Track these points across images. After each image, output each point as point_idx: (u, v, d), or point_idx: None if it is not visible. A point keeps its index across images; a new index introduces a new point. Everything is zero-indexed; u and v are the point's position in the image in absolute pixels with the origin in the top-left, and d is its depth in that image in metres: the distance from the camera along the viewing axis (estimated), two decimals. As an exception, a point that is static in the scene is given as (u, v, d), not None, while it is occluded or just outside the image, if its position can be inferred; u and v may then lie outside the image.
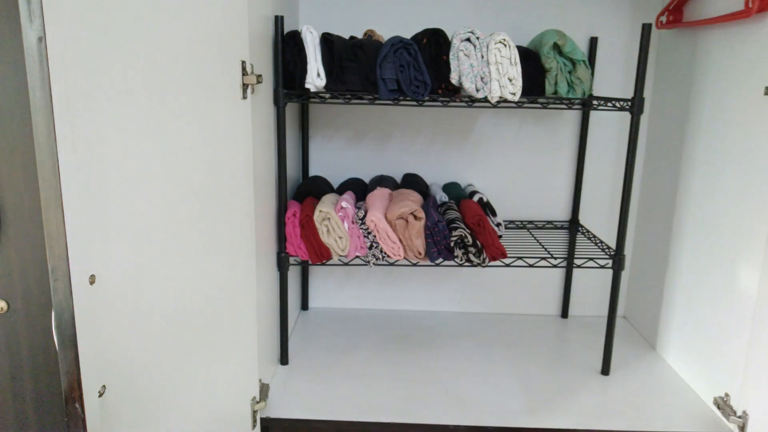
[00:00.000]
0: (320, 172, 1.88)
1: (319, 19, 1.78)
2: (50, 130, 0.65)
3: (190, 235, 0.96)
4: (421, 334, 1.79)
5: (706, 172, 1.47)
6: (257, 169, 1.27)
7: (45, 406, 1.03)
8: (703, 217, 1.48)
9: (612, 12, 1.76)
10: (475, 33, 1.36)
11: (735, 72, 1.36)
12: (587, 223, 1.91)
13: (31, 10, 0.62)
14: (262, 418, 1.32)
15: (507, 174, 1.87)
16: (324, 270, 1.96)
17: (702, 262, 1.48)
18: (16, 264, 0.97)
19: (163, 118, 0.86)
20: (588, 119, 1.81)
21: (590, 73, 1.47)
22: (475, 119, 1.84)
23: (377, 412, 1.36)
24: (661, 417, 1.37)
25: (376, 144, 1.86)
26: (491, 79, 1.37)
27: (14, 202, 0.95)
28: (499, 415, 1.36)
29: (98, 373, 0.75)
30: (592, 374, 1.57)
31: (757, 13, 1.26)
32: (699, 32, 1.53)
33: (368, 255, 1.46)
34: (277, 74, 1.40)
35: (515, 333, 1.82)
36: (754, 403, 1.26)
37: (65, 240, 0.68)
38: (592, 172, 1.87)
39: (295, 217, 1.45)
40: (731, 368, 1.34)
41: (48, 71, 0.64)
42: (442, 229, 1.42)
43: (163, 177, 0.88)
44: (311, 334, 1.77)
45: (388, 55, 1.35)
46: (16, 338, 0.99)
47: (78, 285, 0.70)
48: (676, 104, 1.63)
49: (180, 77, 0.90)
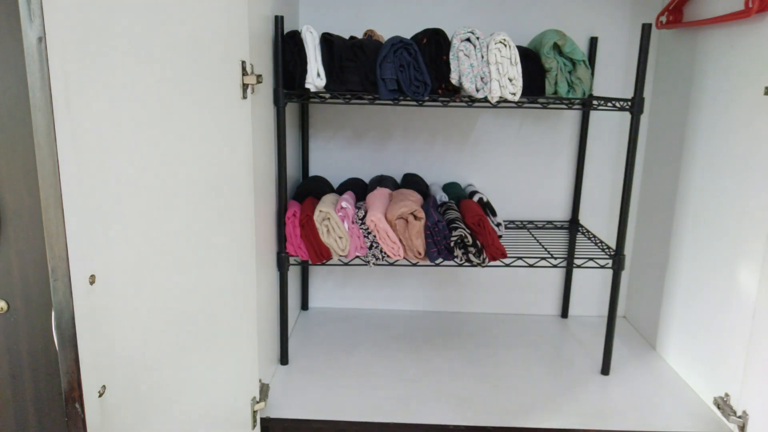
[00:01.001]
0: (320, 172, 1.88)
1: (319, 19, 1.78)
2: (50, 130, 0.65)
3: (190, 234, 0.96)
4: (421, 334, 1.79)
5: (706, 172, 1.47)
6: (257, 169, 1.27)
7: (45, 406, 1.03)
8: (703, 217, 1.48)
9: (612, 12, 1.76)
10: (475, 33, 1.36)
11: (735, 72, 1.36)
12: (587, 223, 1.91)
13: (31, 10, 0.62)
14: (262, 418, 1.32)
15: (507, 174, 1.87)
16: (324, 270, 1.96)
17: (702, 262, 1.48)
18: (16, 264, 0.97)
19: (163, 117, 0.86)
20: (588, 119, 1.81)
21: (590, 73, 1.47)
22: (475, 119, 1.84)
23: (377, 412, 1.36)
24: (661, 417, 1.37)
25: (376, 144, 1.86)
26: (491, 79, 1.37)
27: (14, 202, 0.95)
28: (499, 415, 1.36)
29: (98, 373, 0.75)
30: (592, 374, 1.57)
31: (757, 13, 1.26)
32: (699, 32, 1.53)
33: (368, 255, 1.46)
34: (277, 74, 1.40)
35: (515, 333, 1.82)
36: (754, 403, 1.26)
37: (65, 240, 0.68)
38: (592, 172, 1.87)
39: (295, 217, 1.45)
40: (731, 368, 1.34)
41: (48, 71, 0.64)
42: (442, 229, 1.42)
43: (163, 177, 0.88)
44: (311, 334, 1.77)
45: (388, 55, 1.35)
46: (16, 338, 0.99)
47: (78, 285, 0.70)
48: (676, 104, 1.63)
49: (180, 77, 0.90)
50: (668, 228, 1.66)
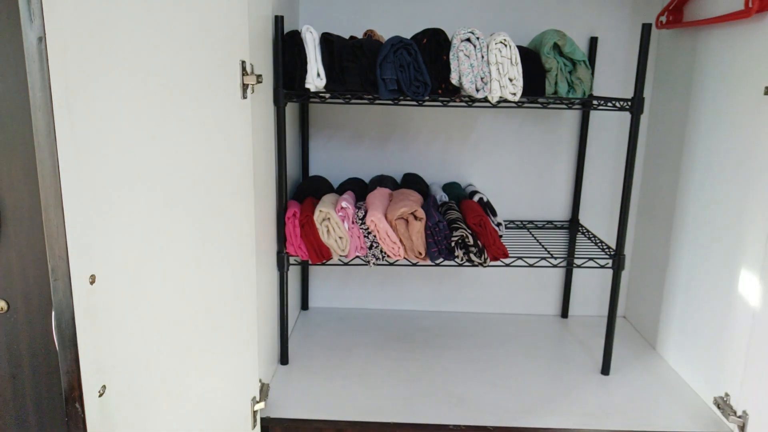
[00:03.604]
0: (320, 172, 1.88)
1: (319, 19, 1.78)
2: (50, 130, 0.65)
3: (190, 234, 0.96)
4: (421, 334, 1.79)
5: (706, 172, 1.47)
6: (257, 169, 1.27)
7: (45, 406, 1.03)
8: (703, 216, 1.48)
9: (612, 12, 1.76)
10: (475, 33, 1.36)
11: (735, 72, 1.36)
12: (587, 223, 1.91)
13: (31, 10, 0.62)
14: (262, 418, 1.32)
15: (507, 174, 1.87)
16: (324, 270, 1.96)
17: (702, 262, 1.48)
18: (16, 264, 0.97)
19: (163, 117, 0.86)
20: (588, 119, 1.81)
21: (590, 73, 1.47)
22: (475, 119, 1.84)
23: (377, 411, 1.36)
24: (661, 417, 1.37)
25: (376, 144, 1.86)
26: (491, 79, 1.37)
27: (14, 202, 0.95)
28: (499, 415, 1.36)
29: (98, 373, 0.75)
30: (592, 374, 1.57)
31: (757, 13, 1.26)
32: (699, 32, 1.53)
33: (368, 255, 1.46)
34: (277, 74, 1.40)
35: (515, 333, 1.82)
36: (754, 403, 1.26)
37: (65, 240, 0.68)
38: (592, 172, 1.87)
39: (295, 217, 1.45)
40: (731, 368, 1.34)
41: (48, 71, 0.64)
42: (442, 228, 1.42)
43: (163, 176, 0.88)
44: (311, 334, 1.77)
45: (388, 55, 1.35)
46: (16, 338, 0.99)
47: (78, 285, 0.70)
48: (676, 104, 1.63)
49: (180, 77, 0.90)
50: (668, 228, 1.66)
